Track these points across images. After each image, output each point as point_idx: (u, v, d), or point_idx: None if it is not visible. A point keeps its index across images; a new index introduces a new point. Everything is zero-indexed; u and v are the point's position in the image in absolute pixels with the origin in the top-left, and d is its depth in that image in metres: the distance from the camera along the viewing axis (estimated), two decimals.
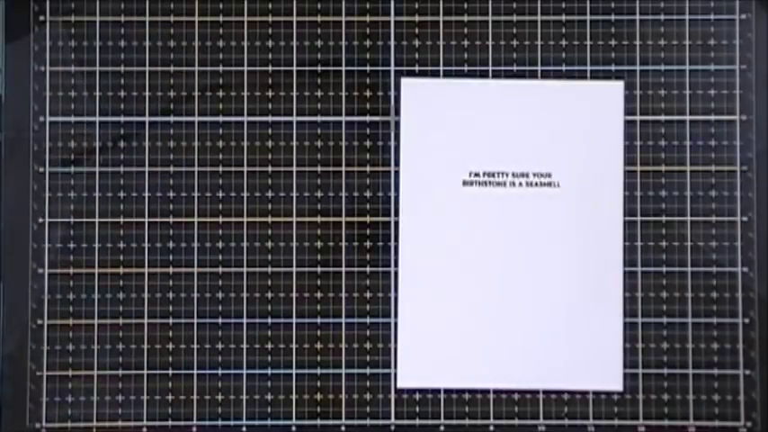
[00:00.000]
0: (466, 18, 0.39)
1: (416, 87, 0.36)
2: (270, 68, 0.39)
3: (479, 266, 0.35)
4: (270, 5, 0.39)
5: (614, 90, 0.36)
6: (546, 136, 0.36)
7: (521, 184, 0.35)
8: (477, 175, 0.35)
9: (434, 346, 0.36)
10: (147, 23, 0.39)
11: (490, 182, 0.35)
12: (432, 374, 0.36)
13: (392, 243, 0.38)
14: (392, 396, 0.38)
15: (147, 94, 0.39)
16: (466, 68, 0.39)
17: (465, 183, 0.35)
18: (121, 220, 0.38)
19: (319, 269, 0.38)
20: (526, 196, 0.35)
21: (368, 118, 0.39)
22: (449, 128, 0.36)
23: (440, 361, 0.36)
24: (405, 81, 0.35)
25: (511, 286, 0.35)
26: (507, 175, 0.35)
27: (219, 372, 0.38)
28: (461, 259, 0.35)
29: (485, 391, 0.37)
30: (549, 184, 0.35)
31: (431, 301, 0.36)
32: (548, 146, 0.36)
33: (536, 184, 0.35)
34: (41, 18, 0.39)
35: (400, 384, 0.37)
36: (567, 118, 0.36)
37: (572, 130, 0.36)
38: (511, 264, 0.35)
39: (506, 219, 0.35)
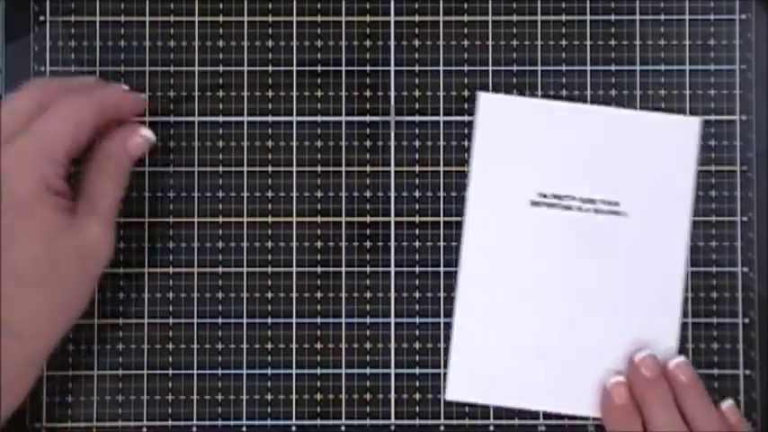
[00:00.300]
0: (466, 18, 0.39)
1: (494, 102, 0.36)
2: (270, 68, 0.39)
3: (538, 287, 0.35)
4: (270, 5, 0.39)
5: (690, 126, 0.36)
6: (617, 164, 0.36)
7: (588, 209, 0.35)
8: (545, 196, 0.35)
9: (487, 361, 0.36)
10: (147, 23, 0.39)
11: (558, 204, 0.35)
12: (481, 390, 0.36)
13: (392, 243, 0.38)
14: (392, 396, 0.38)
15: (147, 93, 0.39)
16: (466, 68, 0.39)
17: (533, 203, 0.35)
18: (121, 220, 0.38)
19: (319, 269, 0.38)
20: (592, 222, 0.35)
21: (368, 118, 0.39)
22: (522, 146, 0.36)
23: (491, 377, 0.36)
24: (483, 96, 0.35)
25: (568, 309, 0.35)
26: (575, 199, 0.35)
27: (219, 372, 0.38)
28: (521, 278, 0.35)
29: (534, 415, 0.37)
30: (617, 213, 0.35)
31: (488, 317, 0.35)
32: (618, 174, 0.36)
33: (603, 211, 0.35)
34: (41, 18, 0.39)
35: (449, 397, 0.36)
36: (640, 149, 0.36)
37: (644, 161, 0.36)
38: (570, 287, 0.35)
39: (570, 243, 0.35)
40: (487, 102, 0.36)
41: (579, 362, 0.35)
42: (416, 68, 0.39)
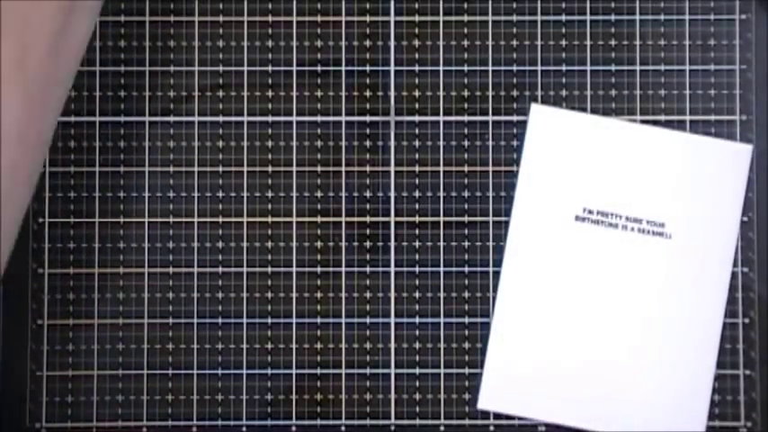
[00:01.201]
0: (466, 18, 0.39)
1: (545, 114, 0.36)
2: (270, 68, 0.39)
3: (579, 302, 0.35)
4: (270, 5, 0.39)
5: (742, 153, 0.36)
6: (665, 185, 0.35)
7: (633, 228, 0.35)
8: (590, 212, 0.35)
9: (521, 373, 0.35)
10: (147, 23, 0.39)
11: (603, 221, 0.35)
12: (514, 401, 0.36)
13: (392, 243, 0.38)
14: (392, 396, 0.38)
15: (147, 94, 0.39)
16: (466, 68, 0.39)
17: (577, 218, 0.35)
18: (121, 220, 0.38)
19: (319, 269, 0.38)
20: (637, 242, 0.35)
21: (368, 118, 0.39)
22: (570, 160, 0.36)
23: (524, 390, 0.36)
24: (534, 108, 0.35)
25: (607, 326, 0.35)
26: (621, 218, 0.35)
27: (219, 372, 0.38)
28: (562, 292, 0.35)
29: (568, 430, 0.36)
30: (662, 234, 0.35)
31: (526, 327, 0.35)
32: (665, 195, 0.35)
33: (648, 231, 0.35)
34: None
35: (480, 406, 0.36)
36: (689, 172, 0.36)
37: (693, 184, 0.35)
38: (610, 305, 0.35)
39: (613, 260, 0.35)
40: (539, 113, 0.35)
41: (609, 376, 0.35)
42: (416, 68, 0.39)
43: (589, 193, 0.35)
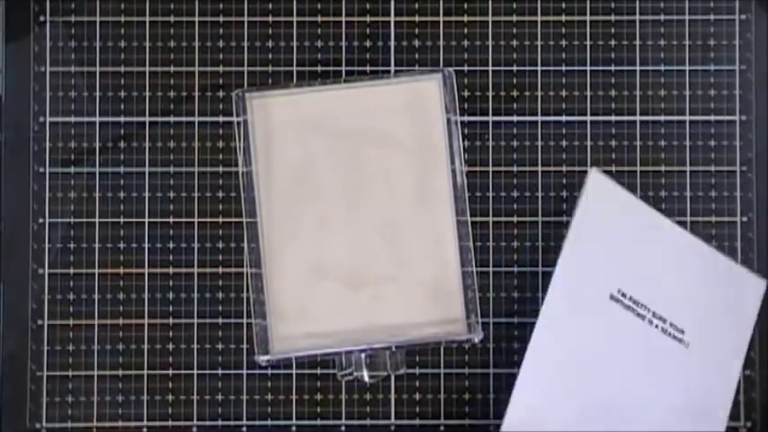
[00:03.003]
0: (466, 18, 0.39)
1: (604, 184, 0.36)
2: (270, 68, 0.39)
3: (597, 378, 0.36)
4: (270, 5, 0.39)
5: (756, 286, 0.37)
6: (693, 295, 0.36)
7: (656, 325, 0.36)
8: (624, 296, 0.36)
9: (545, 413, 0.36)
10: (147, 23, 0.39)
11: (632, 308, 0.36)
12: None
13: None
14: (392, 396, 0.38)
15: (147, 94, 0.39)
16: (466, 68, 0.39)
17: (612, 297, 0.36)
18: (121, 220, 0.38)
19: None
20: (654, 338, 0.36)
21: None
22: (616, 238, 0.36)
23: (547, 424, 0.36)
24: (594, 173, 0.36)
25: (617, 407, 0.36)
26: (649, 311, 0.36)
27: (219, 372, 0.38)
28: (587, 355, 0.36)
29: None
30: (680, 341, 0.36)
31: (553, 374, 0.36)
32: (691, 306, 0.36)
33: (669, 333, 0.36)
34: (41, 18, 0.39)
35: (505, 429, 0.36)
36: (713, 289, 0.37)
37: (714, 302, 0.36)
38: (625, 388, 0.36)
39: (631, 347, 0.36)
40: (598, 180, 0.36)
41: None
42: (416, 68, 0.39)
43: (627, 277, 0.36)
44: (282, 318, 0.35)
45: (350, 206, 0.36)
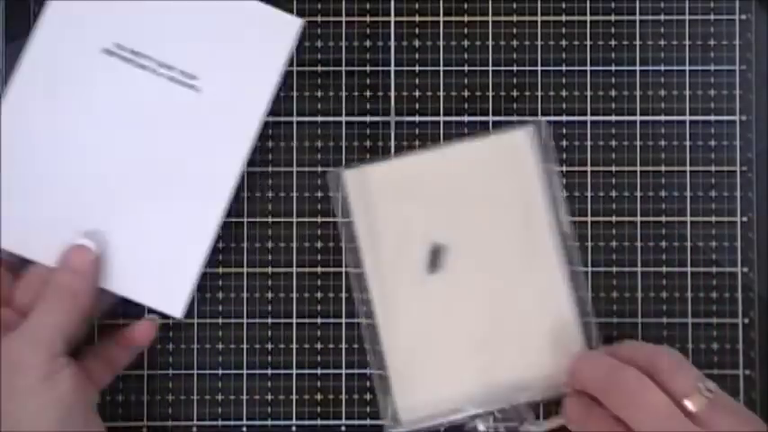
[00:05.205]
0: (466, 18, 0.39)
1: None
2: None
3: (96, 139, 0.35)
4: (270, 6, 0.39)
5: (289, 26, 0.36)
6: (206, 40, 0.35)
7: (162, 74, 0.35)
8: (122, 48, 0.34)
9: None
10: None
11: (133, 60, 0.34)
12: None
13: None
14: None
15: None
16: (466, 68, 0.39)
17: (107, 51, 0.34)
18: None
19: (319, 269, 0.38)
20: (162, 87, 0.35)
21: (368, 118, 0.39)
22: None
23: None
24: None
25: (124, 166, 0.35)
26: (152, 60, 0.35)
27: (220, 372, 0.38)
28: (82, 124, 0.35)
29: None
30: (192, 87, 0.35)
31: None
32: (204, 50, 0.35)
33: (178, 81, 0.35)
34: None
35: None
36: (234, 28, 0.36)
37: (234, 46, 0.36)
38: (128, 147, 0.35)
39: (135, 103, 0.35)
40: None
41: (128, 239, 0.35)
42: (416, 68, 0.39)
43: (123, 27, 0.34)
44: (403, 382, 0.37)
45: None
